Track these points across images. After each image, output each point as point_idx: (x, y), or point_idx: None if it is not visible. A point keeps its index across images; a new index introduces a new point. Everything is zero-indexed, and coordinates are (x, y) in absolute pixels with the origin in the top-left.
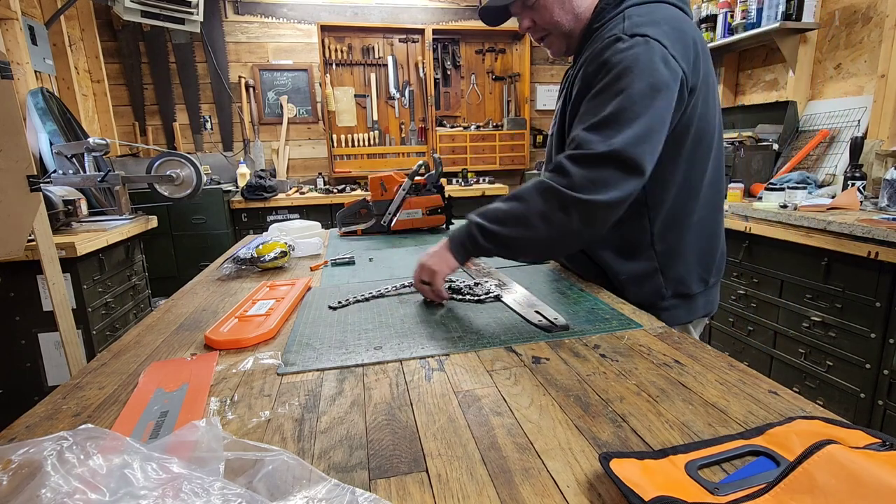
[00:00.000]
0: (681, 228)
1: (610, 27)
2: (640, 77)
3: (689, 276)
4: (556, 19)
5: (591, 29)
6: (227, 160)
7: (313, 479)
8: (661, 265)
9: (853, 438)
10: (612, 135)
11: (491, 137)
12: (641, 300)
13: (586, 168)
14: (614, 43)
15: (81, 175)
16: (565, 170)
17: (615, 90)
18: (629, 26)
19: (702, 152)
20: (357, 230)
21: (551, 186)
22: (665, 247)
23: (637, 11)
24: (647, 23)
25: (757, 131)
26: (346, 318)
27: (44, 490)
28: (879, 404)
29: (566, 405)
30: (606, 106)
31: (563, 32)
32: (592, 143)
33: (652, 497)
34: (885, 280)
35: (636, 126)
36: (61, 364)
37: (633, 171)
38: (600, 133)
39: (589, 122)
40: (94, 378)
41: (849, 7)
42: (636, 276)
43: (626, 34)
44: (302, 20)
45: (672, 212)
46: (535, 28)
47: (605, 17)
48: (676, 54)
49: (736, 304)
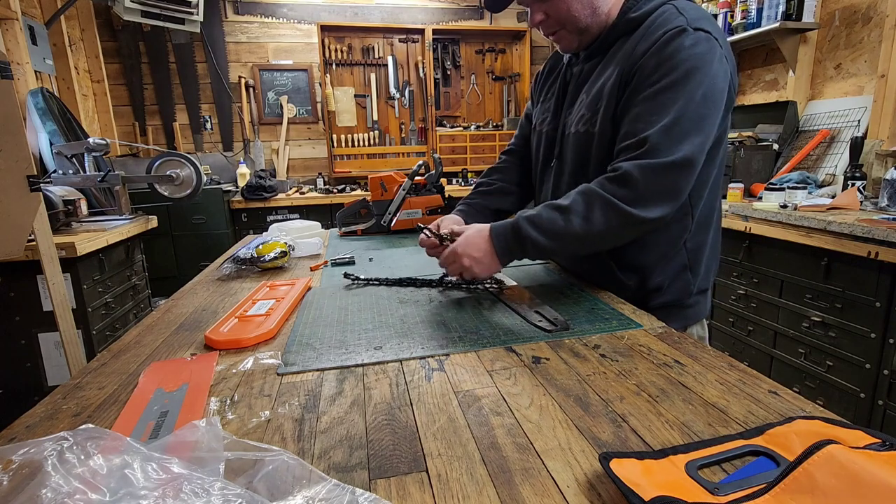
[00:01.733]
0: (708, 225)
1: (665, 17)
2: (706, 79)
3: (709, 270)
4: (574, 13)
5: (626, 18)
6: (227, 160)
7: (313, 479)
8: (691, 262)
9: (853, 438)
10: (682, 141)
11: (491, 137)
12: (670, 300)
13: (656, 179)
14: (678, 35)
15: (81, 175)
16: (633, 181)
17: (682, 90)
18: (691, 20)
19: (724, 149)
20: (357, 230)
21: (613, 203)
22: (694, 244)
23: (685, 5)
24: (703, 17)
25: (757, 131)
26: (346, 318)
27: (44, 490)
28: (879, 404)
29: (566, 405)
30: (673, 106)
31: (578, 28)
32: (663, 149)
33: (652, 497)
34: (885, 280)
35: (702, 133)
36: (61, 364)
37: (693, 178)
38: (671, 138)
39: (657, 123)
40: (94, 378)
41: (849, 7)
42: (670, 276)
43: (691, 27)
44: (302, 20)
45: (705, 210)
46: (548, 22)
47: (644, 6)
48: (727, 55)
49: (736, 304)
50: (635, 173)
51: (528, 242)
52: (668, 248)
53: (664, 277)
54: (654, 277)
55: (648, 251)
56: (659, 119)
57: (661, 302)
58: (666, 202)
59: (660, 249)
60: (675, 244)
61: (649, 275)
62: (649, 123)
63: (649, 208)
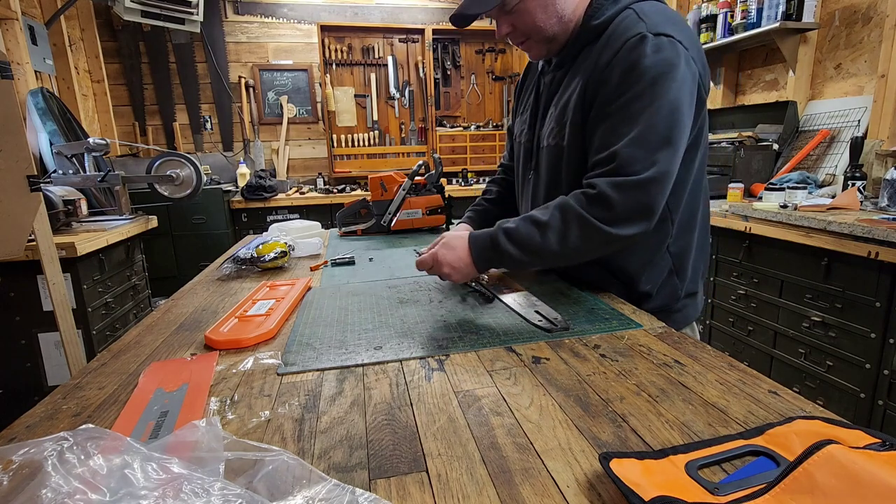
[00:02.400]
0: (691, 228)
1: (625, 24)
2: (672, 85)
3: (696, 273)
4: (539, 24)
5: (588, 26)
6: (227, 160)
7: (313, 479)
8: (676, 267)
9: (853, 438)
10: (655, 152)
11: (491, 137)
12: (658, 305)
13: (631, 197)
14: (640, 44)
15: (81, 175)
16: (609, 201)
17: (648, 100)
18: (652, 25)
19: (703, 150)
20: (357, 230)
21: (590, 223)
22: (677, 248)
23: (647, 8)
24: (665, 21)
25: (757, 131)
26: (346, 318)
27: (44, 490)
28: (879, 404)
29: (566, 405)
30: (641, 117)
31: (545, 37)
32: (636, 163)
33: (652, 497)
34: (885, 280)
35: (673, 141)
36: (61, 364)
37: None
38: (642, 152)
39: (627, 135)
40: (94, 378)
41: (849, 7)
42: (657, 282)
43: (651, 33)
44: (302, 20)
45: (685, 214)
46: (515, 33)
47: (606, 12)
48: (694, 56)
49: (736, 304)
50: (611, 193)
51: (504, 255)
52: (652, 254)
53: (651, 284)
54: (642, 284)
55: (632, 259)
56: (628, 131)
57: (650, 308)
58: (641, 219)
59: (643, 257)
60: (657, 250)
61: (637, 282)
62: (619, 136)
63: (625, 227)
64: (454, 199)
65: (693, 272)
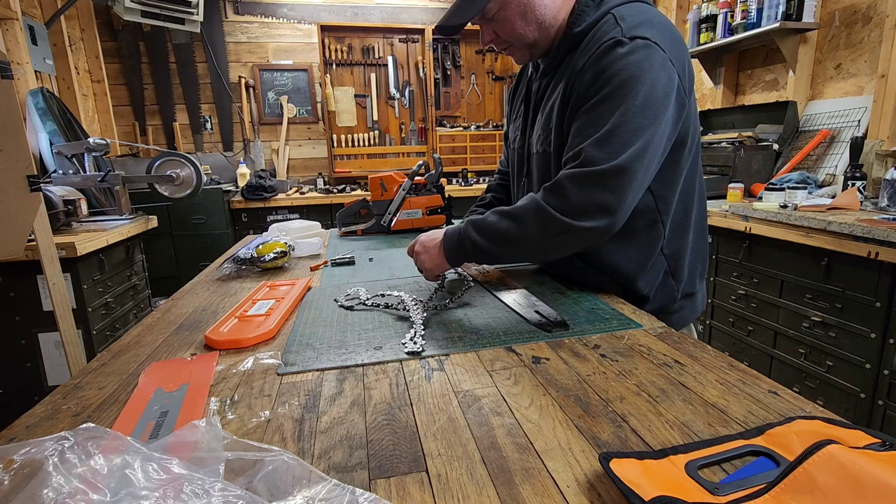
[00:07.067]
0: (685, 229)
1: (603, 30)
2: (643, 87)
3: (693, 274)
4: (519, 31)
5: (571, 33)
6: (227, 160)
7: (313, 479)
8: (671, 268)
9: (853, 438)
10: (618, 150)
11: (491, 137)
12: (656, 307)
13: (586, 189)
14: (614, 47)
15: (81, 175)
16: (564, 191)
17: (618, 101)
18: (627, 28)
19: (695, 150)
20: (357, 230)
21: (546, 211)
22: (672, 250)
23: (627, 11)
24: (642, 23)
25: (757, 131)
26: (346, 318)
27: (45, 490)
28: (879, 404)
29: (566, 405)
30: (609, 118)
31: (526, 43)
32: (596, 160)
33: (652, 497)
34: (885, 280)
35: (640, 141)
36: (61, 364)
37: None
38: (604, 149)
39: (592, 135)
40: (94, 378)
41: (849, 7)
42: (654, 284)
43: (626, 37)
44: (302, 20)
45: (678, 215)
46: (498, 40)
47: (587, 18)
48: (673, 58)
49: (736, 304)
50: (566, 183)
51: (468, 243)
52: (646, 257)
53: (648, 287)
54: (640, 287)
55: (626, 261)
56: (595, 131)
57: (647, 310)
58: (600, 213)
59: (637, 259)
60: (651, 252)
61: (633, 284)
62: (585, 137)
63: (582, 218)
64: (454, 199)
65: (689, 274)
